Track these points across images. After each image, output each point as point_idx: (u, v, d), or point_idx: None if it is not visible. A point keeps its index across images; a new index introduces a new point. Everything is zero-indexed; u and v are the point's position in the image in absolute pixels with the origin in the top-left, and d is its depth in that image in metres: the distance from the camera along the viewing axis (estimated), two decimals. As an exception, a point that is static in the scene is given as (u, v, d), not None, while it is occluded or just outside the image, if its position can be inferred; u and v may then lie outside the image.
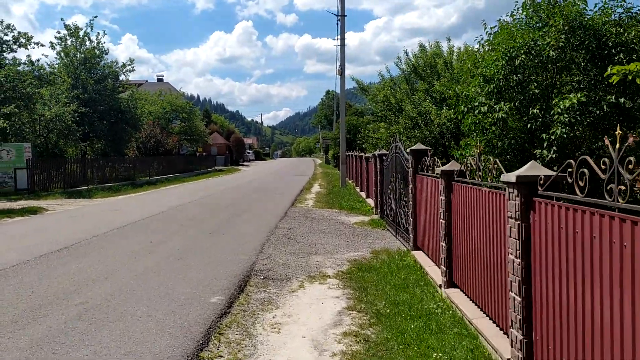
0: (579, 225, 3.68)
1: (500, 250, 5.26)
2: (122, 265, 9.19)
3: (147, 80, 74.70)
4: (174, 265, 9.09)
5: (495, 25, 10.79)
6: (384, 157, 14.61)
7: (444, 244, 7.41)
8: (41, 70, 30.18)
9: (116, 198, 23.30)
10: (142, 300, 7.01)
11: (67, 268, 8.96)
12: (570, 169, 3.86)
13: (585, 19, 9.46)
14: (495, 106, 9.48)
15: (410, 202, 10.01)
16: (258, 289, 7.80)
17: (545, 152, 8.62)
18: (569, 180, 3.88)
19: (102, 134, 32.23)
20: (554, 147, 8.49)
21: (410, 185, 9.96)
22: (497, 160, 5.44)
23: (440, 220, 7.55)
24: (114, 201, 21.78)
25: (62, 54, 31.87)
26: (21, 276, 8.41)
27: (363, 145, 31.45)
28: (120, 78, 35.17)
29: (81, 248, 10.82)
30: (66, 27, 31.84)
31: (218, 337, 5.78)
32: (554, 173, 4.27)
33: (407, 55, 25.97)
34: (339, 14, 28.00)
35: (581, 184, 3.69)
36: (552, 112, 8.65)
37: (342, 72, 27.94)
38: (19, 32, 28.96)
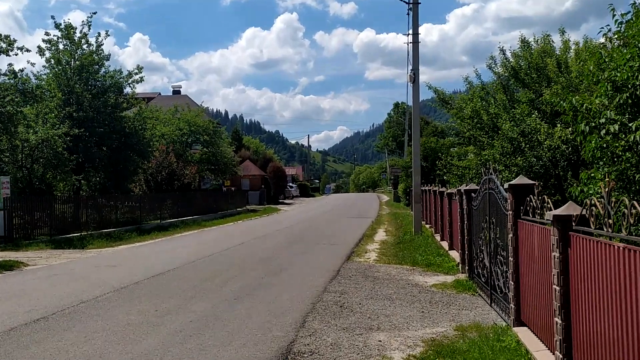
0: None
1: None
2: (115, 344, 9.14)
3: (160, 93, 77.18)
4: (184, 346, 8.98)
5: (629, 12, 10.39)
6: (472, 194, 14.24)
7: (558, 320, 6.99)
8: (25, 84, 31.46)
9: (115, 249, 23.72)
10: (137, 396, 6.88)
11: (41, 347, 8.99)
12: None
13: None
14: (630, 124, 9.02)
15: (510, 259, 9.60)
16: (296, 381, 7.56)
17: None
18: None
19: (100, 163, 33.11)
20: None
21: (510, 235, 9.57)
22: (635, 202, 5.03)
23: (553, 287, 7.13)
24: (113, 253, 22.15)
25: (53, 61, 33.11)
26: (-18, 358, 8.49)
27: (445, 177, 31.02)
28: (126, 91, 36.28)
29: (64, 318, 10.90)
30: (57, 26, 33.15)
31: None
32: None
33: (504, 54, 25.69)
34: (411, 0, 27.95)
35: None
36: None
37: (415, 78, 27.72)
38: (-1, 35, 30.48)
